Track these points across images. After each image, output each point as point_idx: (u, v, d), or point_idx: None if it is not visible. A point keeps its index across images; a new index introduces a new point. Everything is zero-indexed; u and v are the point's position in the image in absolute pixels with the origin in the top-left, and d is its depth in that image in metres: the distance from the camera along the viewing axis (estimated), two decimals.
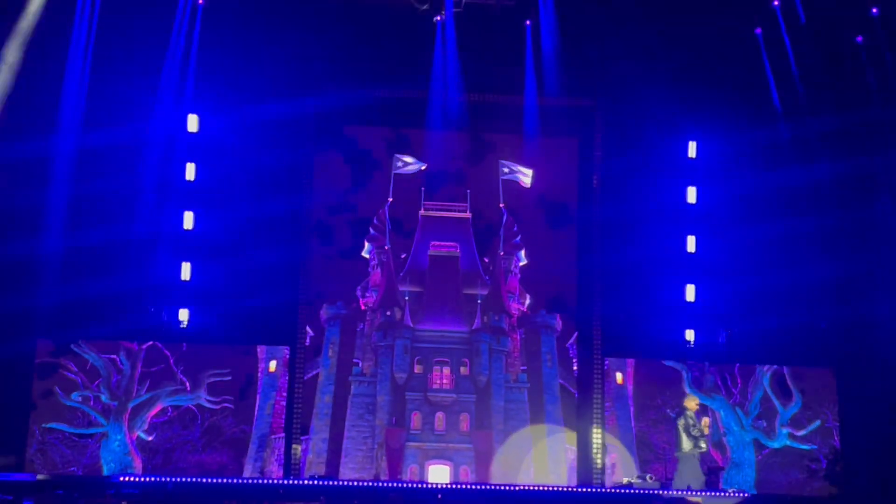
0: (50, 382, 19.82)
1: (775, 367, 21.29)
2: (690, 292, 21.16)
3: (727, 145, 21.51)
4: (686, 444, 19.92)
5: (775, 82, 20.36)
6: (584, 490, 19.46)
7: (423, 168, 21.80)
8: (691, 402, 18.46)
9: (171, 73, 19.44)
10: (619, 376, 21.37)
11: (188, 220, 20.22)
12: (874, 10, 19.29)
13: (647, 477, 18.64)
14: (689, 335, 21.13)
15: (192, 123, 20.28)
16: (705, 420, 18.01)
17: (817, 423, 21.10)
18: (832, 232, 20.46)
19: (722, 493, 18.33)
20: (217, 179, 20.56)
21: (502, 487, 18.43)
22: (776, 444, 21.05)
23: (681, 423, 18.41)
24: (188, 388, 20.11)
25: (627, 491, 18.38)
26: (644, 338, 21.16)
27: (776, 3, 19.68)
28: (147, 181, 19.79)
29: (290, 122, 20.68)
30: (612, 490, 19.29)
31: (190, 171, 20.27)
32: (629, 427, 21.20)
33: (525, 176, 21.84)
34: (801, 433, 20.94)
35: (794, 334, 20.96)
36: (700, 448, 18.62)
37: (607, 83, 20.90)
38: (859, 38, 19.85)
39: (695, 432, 18.31)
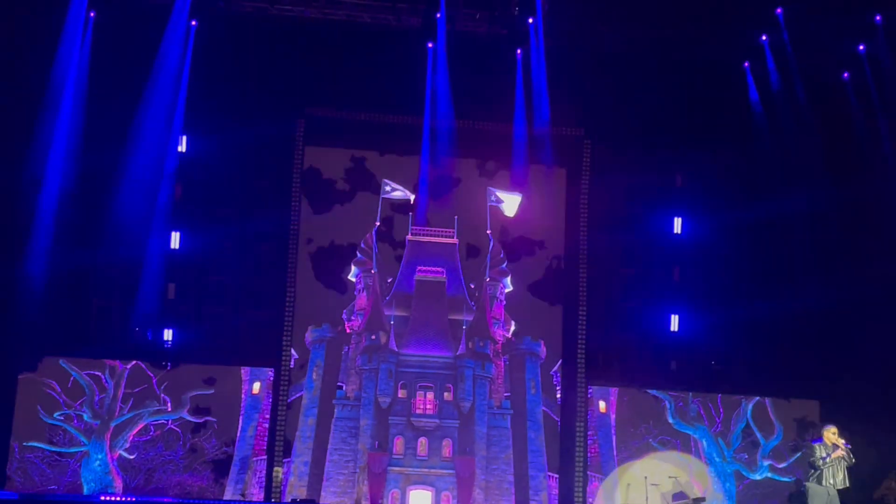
0: (32, 400, 19.72)
1: (758, 398, 21.34)
2: (675, 322, 21.22)
3: (714, 176, 21.64)
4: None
5: (762, 114, 20.51)
6: None
7: (411, 194, 21.86)
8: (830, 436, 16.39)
9: (161, 94, 19.45)
10: (602, 405, 21.40)
11: (175, 240, 20.19)
12: (861, 47, 19.47)
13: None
14: (672, 364, 21.17)
15: (182, 144, 20.27)
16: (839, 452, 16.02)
17: (798, 455, 21.13)
18: (819, 262, 20.55)
19: None
20: (204, 200, 20.58)
21: None
22: (757, 476, 21.08)
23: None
24: (170, 408, 20.05)
25: None
26: (628, 367, 21.20)
27: (764, 37, 19.83)
28: (134, 201, 19.75)
29: (279, 145, 20.71)
30: None
31: (178, 192, 20.25)
32: (611, 456, 21.21)
33: (509, 204, 21.90)
34: (781, 465, 20.98)
35: (780, 365, 21.02)
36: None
37: (596, 113, 21.01)
38: (846, 75, 20.03)
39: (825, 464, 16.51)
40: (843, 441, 15.71)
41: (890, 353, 19.94)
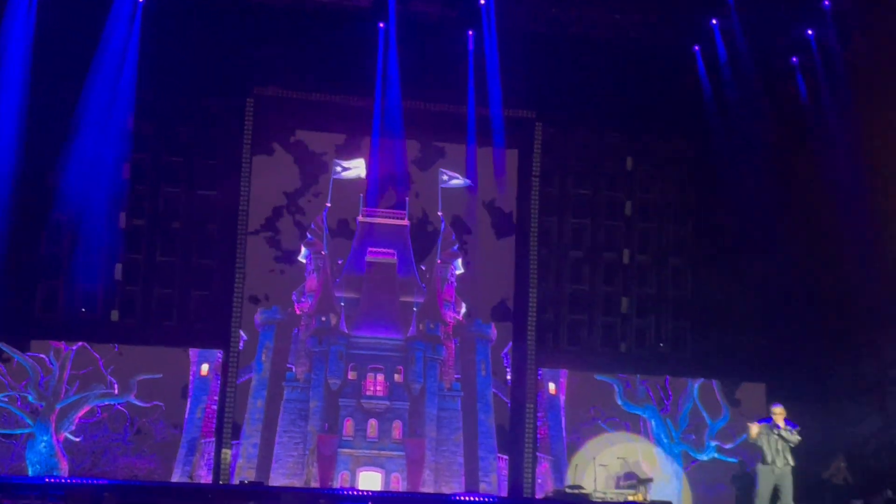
0: None
1: (704, 380, 21.50)
2: (624, 304, 21.30)
3: (664, 159, 21.74)
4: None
5: (712, 98, 20.59)
6: (515, 498, 19.50)
7: (361, 174, 21.78)
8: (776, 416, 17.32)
9: (108, 73, 19.16)
10: (552, 386, 21.51)
11: (122, 220, 19.93)
12: (809, 32, 19.59)
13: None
14: (622, 347, 21.26)
15: (129, 123, 19.97)
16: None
17: (745, 436, 21.34)
18: (767, 246, 20.68)
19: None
20: (152, 179, 20.33)
21: (433, 496, 18.38)
22: (704, 457, 21.28)
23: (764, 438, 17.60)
24: (117, 391, 19.85)
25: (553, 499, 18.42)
26: (578, 349, 21.25)
27: (714, 22, 19.88)
28: (81, 180, 19.46)
29: (230, 121, 20.50)
30: (543, 498, 19.33)
31: (125, 171, 19.97)
32: (560, 437, 21.32)
33: (460, 184, 21.91)
34: (728, 446, 21.19)
35: (726, 347, 21.17)
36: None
37: (548, 96, 20.98)
38: (795, 59, 20.15)
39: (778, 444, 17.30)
40: (783, 421, 16.00)
41: (834, 338, 20.15)
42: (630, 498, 18.15)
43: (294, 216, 21.18)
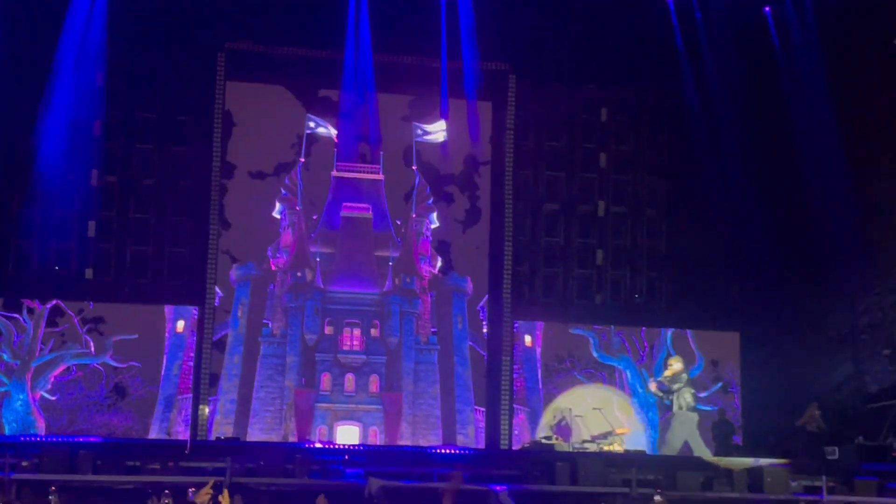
0: None
1: (679, 329, 21.67)
2: (600, 256, 21.41)
3: (638, 111, 21.77)
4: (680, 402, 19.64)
5: (685, 49, 20.57)
6: (492, 450, 19.68)
7: (334, 130, 21.67)
8: (676, 365, 18.23)
9: (78, 28, 18.96)
10: (528, 339, 21.59)
11: (94, 177, 19.82)
12: None
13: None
14: (597, 298, 21.39)
15: (100, 79, 19.80)
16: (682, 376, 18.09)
17: (719, 384, 21.57)
18: (739, 196, 20.79)
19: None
20: (124, 136, 20.21)
21: (411, 448, 18.52)
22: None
23: (672, 385, 18.22)
24: (93, 351, 19.80)
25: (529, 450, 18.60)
26: (554, 301, 21.37)
27: None
28: (53, 138, 19.31)
29: (202, 76, 20.36)
30: (519, 450, 19.51)
31: (97, 128, 19.84)
32: (537, 389, 21.46)
33: (436, 134, 21.80)
34: (703, 395, 21.39)
35: (701, 297, 21.35)
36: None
37: (521, 47, 20.91)
38: (767, 9, 20.15)
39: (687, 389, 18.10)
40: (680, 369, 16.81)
41: (807, 287, 20.34)
42: (605, 448, 18.35)
43: (258, 172, 21.05)
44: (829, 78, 19.28)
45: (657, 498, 10.36)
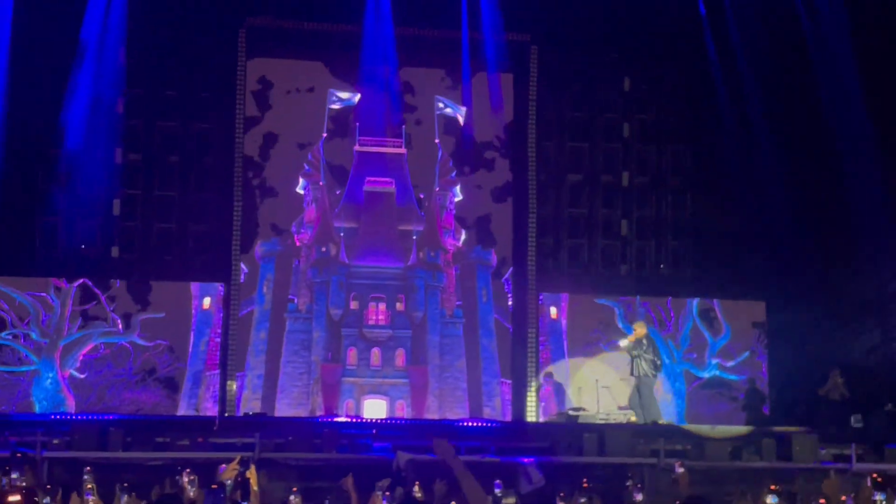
0: None
1: (705, 299, 21.60)
2: (624, 227, 21.34)
3: (662, 80, 21.62)
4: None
5: (709, 17, 20.40)
6: (519, 422, 19.71)
7: (356, 103, 21.61)
8: (639, 329, 18.55)
9: (100, 7, 19.00)
10: (553, 311, 21.56)
11: (118, 155, 19.89)
12: None
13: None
14: (622, 269, 21.34)
15: (122, 57, 19.85)
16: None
17: (746, 354, 21.50)
18: (764, 165, 20.66)
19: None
20: (147, 113, 20.25)
21: (438, 421, 18.57)
22: (706, 375, 21.44)
23: (632, 350, 18.41)
24: (121, 329, 19.92)
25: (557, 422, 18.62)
26: (579, 272, 21.34)
27: None
28: (77, 116, 19.39)
29: (223, 52, 20.36)
30: (546, 422, 19.54)
31: (120, 106, 19.90)
32: (563, 360, 21.45)
33: (458, 110, 21.76)
34: (730, 364, 21.33)
35: (727, 267, 21.26)
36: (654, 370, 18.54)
37: (543, 18, 20.78)
38: None
39: (645, 354, 18.33)
40: (643, 334, 17.85)
41: (834, 254, 20.21)
42: (632, 419, 18.34)
43: (282, 148, 21.05)
44: (856, 43, 19.07)
45: (679, 469, 10.37)
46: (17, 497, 3.99)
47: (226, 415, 19.22)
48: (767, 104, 20.36)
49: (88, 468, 8.89)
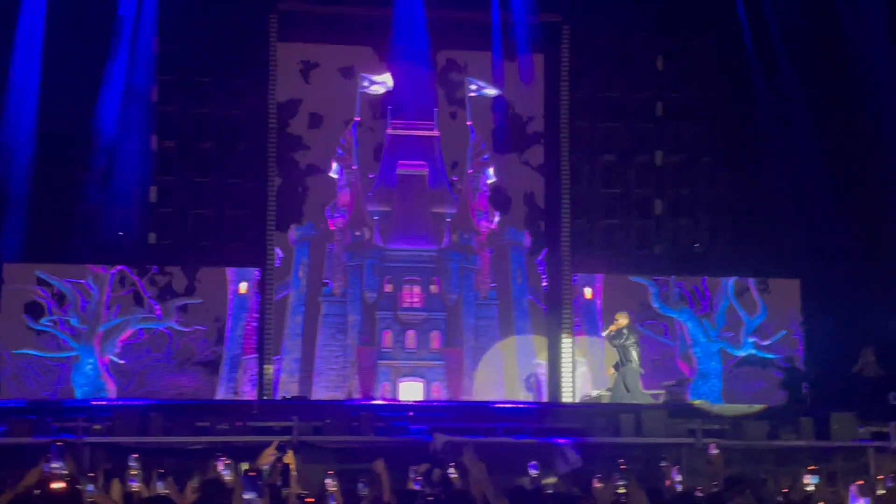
0: (18, 308, 19.77)
1: (740, 278, 21.47)
2: (658, 206, 21.24)
3: (695, 58, 21.45)
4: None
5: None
6: (555, 404, 19.72)
7: (389, 87, 21.64)
8: (621, 320, 18.42)
9: None
10: (587, 291, 21.55)
11: (154, 142, 20.03)
12: None
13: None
14: (657, 248, 21.25)
15: (155, 44, 19.97)
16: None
17: (783, 332, 21.38)
18: (799, 142, 20.49)
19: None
20: (180, 100, 20.35)
21: (474, 403, 18.62)
22: (742, 353, 21.35)
23: (613, 340, 18.33)
24: (159, 315, 20.11)
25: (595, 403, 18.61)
26: (613, 253, 21.27)
27: None
28: (113, 104, 19.54)
29: (255, 38, 20.42)
30: (582, 403, 19.53)
31: (154, 93, 20.02)
32: (598, 341, 21.44)
33: (489, 88, 21.71)
34: (766, 343, 21.23)
35: (763, 245, 21.12)
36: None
37: None
38: None
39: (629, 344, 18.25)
40: (624, 324, 17.71)
41: (869, 231, 20.03)
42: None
43: (314, 133, 21.11)
44: (893, 13, 18.82)
45: (714, 451, 10.37)
46: (62, 484, 4.07)
47: (264, 398, 19.37)
48: (803, 79, 20.15)
49: (136, 455, 8.98)
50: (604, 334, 18.92)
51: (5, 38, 18.84)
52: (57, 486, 4.07)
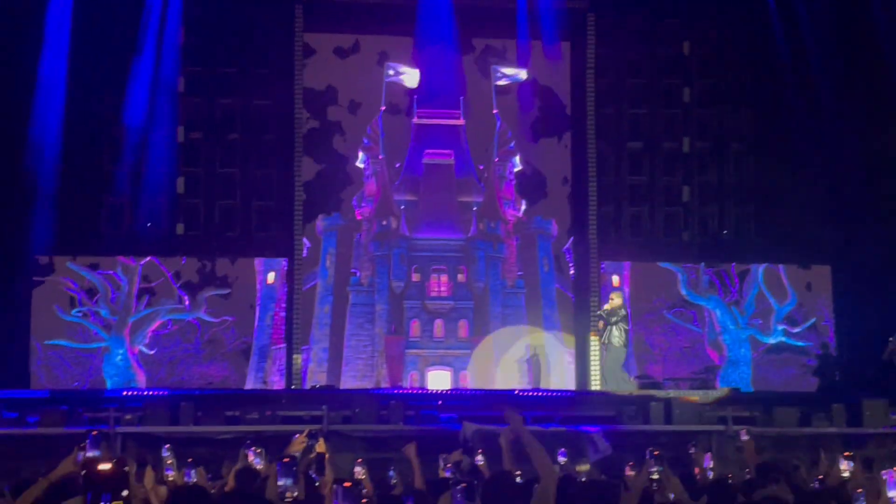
0: (49, 299, 19.92)
1: (770, 265, 21.34)
2: (686, 193, 21.11)
3: (722, 43, 21.29)
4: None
5: None
6: (583, 392, 19.66)
7: (415, 77, 21.62)
8: (616, 300, 18.33)
9: None
10: (615, 279, 21.51)
11: (180, 134, 20.09)
12: None
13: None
14: (685, 236, 21.13)
15: (180, 36, 20.02)
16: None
17: (812, 320, 21.25)
18: (827, 128, 20.31)
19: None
20: (206, 91, 20.40)
21: (502, 392, 18.60)
22: (772, 340, 21.23)
23: (609, 317, 18.23)
24: (188, 306, 20.20)
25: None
26: (640, 241, 21.17)
27: None
28: (139, 96, 19.62)
29: (280, 28, 20.43)
30: (610, 391, 19.43)
31: (180, 85, 20.08)
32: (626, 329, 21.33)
33: (518, 74, 21.63)
34: (796, 330, 21.10)
35: (791, 232, 20.95)
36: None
37: None
38: None
39: (620, 325, 18.14)
40: (619, 304, 17.77)
41: None
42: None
43: (340, 124, 21.12)
44: None
45: (744, 437, 10.31)
46: (109, 465, 4.11)
47: (292, 387, 19.42)
48: (832, 63, 19.96)
49: (168, 445, 9.03)
50: (600, 311, 18.79)
51: (34, 33, 18.95)
52: (104, 466, 4.10)
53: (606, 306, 18.39)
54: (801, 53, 20.02)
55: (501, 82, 21.64)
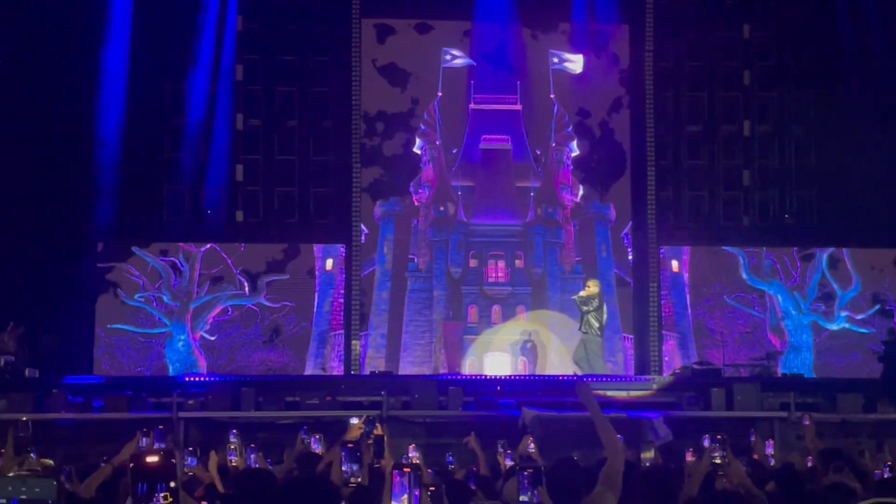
0: (113, 285, 20.21)
1: (834, 249, 21.04)
2: (746, 177, 20.89)
3: (783, 25, 21.01)
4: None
5: None
6: (642, 378, 19.56)
7: (471, 61, 21.57)
8: (592, 288, 18.06)
9: None
10: (674, 264, 21.30)
11: (239, 121, 20.28)
12: None
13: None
14: (745, 220, 20.92)
15: (239, 24, 20.21)
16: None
17: (877, 307, 20.91)
18: (890, 109, 19.98)
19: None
20: (265, 79, 20.55)
21: (561, 377, 18.57)
22: (835, 327, 20.94)
23: (582, 306, 17.98)
24: (247, 292, 20.40)
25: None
26: (700, 225, 21.00)
27: None
28: (199, 84, 19.84)
29: (338, 14, 20.50)
30: (668, 376, 19.32)
31: (239, 73, 20.26)
32: (686, 314, 21.20)
33: (574, 63, 21.51)
34: (860, 317, 20.78)
35: (855, 215, 20.64)
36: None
37: None
38: None
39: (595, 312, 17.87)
40: (595, 293, 17.52)
41: None
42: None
43: (398, 109, 21.13)
44: None
45: (806, 422, 10.21)
46: (156, 458, 4.16)
47: (351, 373, 19.55)
48: (894, 44, 19.62)
49: (235, 430, 9.17)
50: (574, 297, 18.57)
51: (97, 25, 19.24)
52: (151, 459, 4.16)
53: (582, 293, 18.15)
54: (863, 34, 19.71)
55: (559, 66, 21.48)
